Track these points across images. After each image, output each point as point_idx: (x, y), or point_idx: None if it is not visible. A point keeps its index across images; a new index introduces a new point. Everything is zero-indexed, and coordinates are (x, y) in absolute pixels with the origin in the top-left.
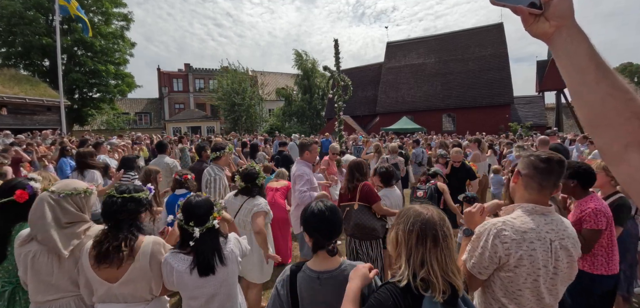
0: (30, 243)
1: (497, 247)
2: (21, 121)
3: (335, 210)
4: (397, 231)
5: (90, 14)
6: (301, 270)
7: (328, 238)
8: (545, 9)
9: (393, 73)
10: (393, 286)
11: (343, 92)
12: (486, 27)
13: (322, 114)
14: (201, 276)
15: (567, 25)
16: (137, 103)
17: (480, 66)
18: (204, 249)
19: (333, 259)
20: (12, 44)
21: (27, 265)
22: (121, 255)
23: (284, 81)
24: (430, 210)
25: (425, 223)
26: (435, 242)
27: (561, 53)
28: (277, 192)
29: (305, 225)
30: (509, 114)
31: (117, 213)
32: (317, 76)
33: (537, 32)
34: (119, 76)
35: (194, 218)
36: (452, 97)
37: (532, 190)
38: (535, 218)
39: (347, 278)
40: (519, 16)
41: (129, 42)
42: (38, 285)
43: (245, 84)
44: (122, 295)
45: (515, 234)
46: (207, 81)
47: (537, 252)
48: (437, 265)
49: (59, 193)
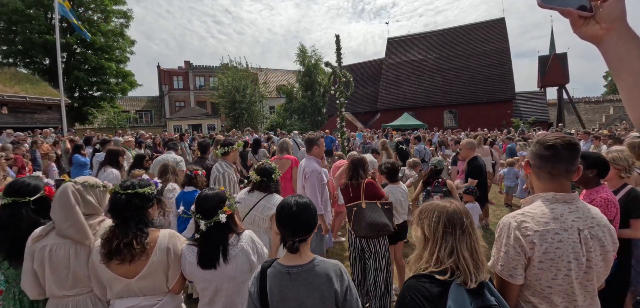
0: (45, 237)
1: (520, 239)
2: (22, 119)
3: (306, 208)
4: (423, 227)
5: (89, 12)
6: (271, 266)
7: (292, 234)
8: (596, 11)
9: (394, 69)
10: (416, 280)
11: (345, 89)
12: (488, 23)
13: (323, 111)
14: (203, 269)
15: (619, 28)
16: (137, 101)
17: (482, 61)
18: (208, 243)
19: (304, 255)
20: (13, 42)
21: (43, 259)
22: (133, 251)
23: (284, 77)
24: (454, 203)
25: (451, 214)
26: (463, 231)
27: (612, 56)
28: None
29: (277, 218)
30: (511, 110)
31: (124, 210)
32: (319, 72)
33: (586, 34)
34: (119, 73)
35: (202, 211)
36: (454, 93)
37: (545, 180)
38: (557, 206)
39: (318, 273)
40: (568, 18)
41: (129, 40)
42: (56, 279)
43: (246, 81)
44: (140, 289)
45: (536, 225)
46: (208, 79)
47: (565, 244)
48: (468, 253)
49: (82, 183)
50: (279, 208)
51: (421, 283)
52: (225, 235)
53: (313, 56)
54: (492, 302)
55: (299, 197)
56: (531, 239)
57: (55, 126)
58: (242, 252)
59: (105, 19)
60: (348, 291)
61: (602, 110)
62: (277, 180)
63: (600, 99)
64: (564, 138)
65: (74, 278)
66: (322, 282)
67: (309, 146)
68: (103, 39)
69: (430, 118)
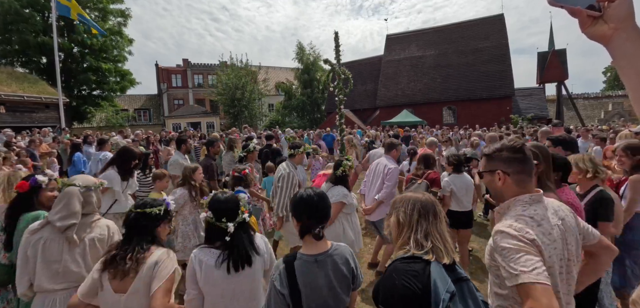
0: (42, 229)
1: (529, 233)
2: (20, 118)
3: (324, 197)
4: (398, 214)
5: (86, 10)
6: (296, 259)
7: (316, 223)
8: (604, 11)
9: (393, 66)
10: (400, 262)
11: (344, 86)
12: (487, 19)
13: (322, 109)
14: (236, 270)
15: (627, 28)
16: (136, 100)
17: (481, 58)
18: (240, 242)
19: (322, 242)
20: (9, 42)
21: (37, 251)
22: (125, 266)
23: (283, 75)
24: (425, 194)
25: (424, 203)
26: (435, 217)
27: (620, 56)
28: (323, 177)
29: (295, 210)
30: (510, 107)
31: (131, 227)
32: (317, 69)
33: (594, 34)
34: (118, 72)
35: (226, 214)
36: (453, 89)
37: (521, 183)
38: (537, 208)
39: (339, 256)
40: (577, 18)
41: (127, 38)
42: (46, 272)
43: (245, 79)
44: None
45: (534, 231)
46: (206, 77)
47: (557, 243)
48: (438, 234)
49: (86, 186)
50: (300, 200)
51: (406, 263)
52: (250, 231)
53: (312, 53)
54: (463, 274)
55: (313, 189)
56: (537, 243)
57: (53, 125)
58: (259, 248)
59: (102, 17)
60: (357, 269)
61: (600, 106)
62: (342, 174)
63: (599, 95)
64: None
65: (65, 272)
66: (343, 264)
67: (389, 149)
68: (101, 38)
69: (430, 115)
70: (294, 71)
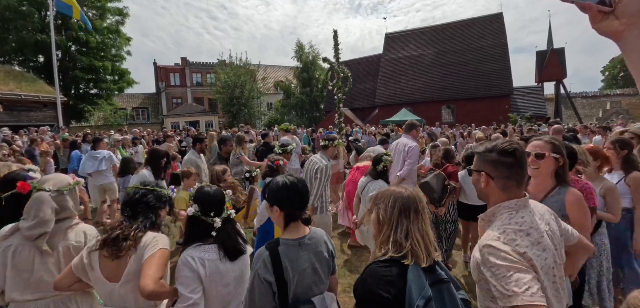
0: (12, 236)
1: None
2: (17, 117)
3: (303, 182)
4: (379, 211)
5: (84, 8)
6: (279, 245)
7: (301, 209)
8: (615, 6)
9: (392, 65)
10: (376, 266)
11: (343, 84)
12: (486, 18)
13: (321, 107)
14: (232, 260)
15: (638, 24)
16: (134, 98)
17: (480, 56)
18: (228, 235)
19: (302, 227)
20: (6, 40)
21: (6, 259)
22: (123, 245)
23: (282, 73)
24: (408, 189)
25: (406, 199)
26: (417, 215)
27: (631, 52)
28: (358, 170)
29: (277, 198)
30: (509, 105)
31: (136, 204)
32: (317, 68)
33: (605, 30)
34: (115, 71)
35: (214, 209)
36: (452, 88)
37: (510, 188)
38: (525, 213)
39: (319, 239)
40: (587, 13)
41: (125, 37)
42: (17, 281)
43: (244, 77)
44: (125, 298)
45: (524, 241)
46: (205, 75)
47: (548, 250)
48: (420, 235)
49: (59, 189)
50: (283, 188)
51: (382, 268)
52: (234, 224)
53: (310, 52)
54: (443, 276)
55: (291, 176)
56: (528, 256)
57: (51, 124)
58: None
59: (100, 16)
60: (334, 250)
61: (599, 105)
62: (382, 169)
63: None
64: (515, 141)
65: (37, 282)
66: (322, 245)
67: (409, 129)
68: (99, 36)
69: (428, 113)
70: (293, 69)
